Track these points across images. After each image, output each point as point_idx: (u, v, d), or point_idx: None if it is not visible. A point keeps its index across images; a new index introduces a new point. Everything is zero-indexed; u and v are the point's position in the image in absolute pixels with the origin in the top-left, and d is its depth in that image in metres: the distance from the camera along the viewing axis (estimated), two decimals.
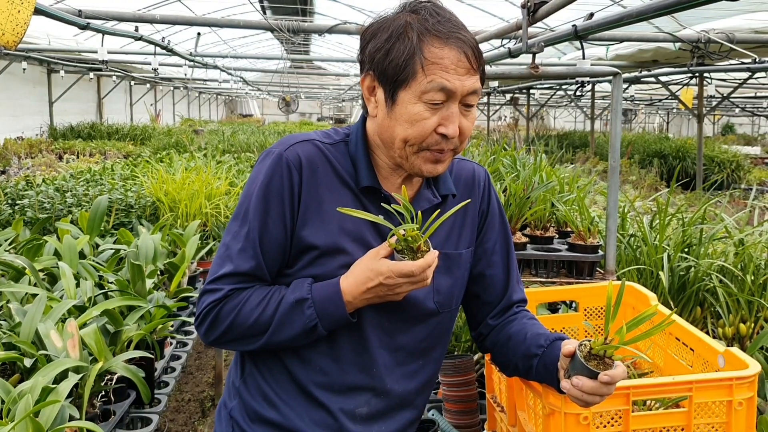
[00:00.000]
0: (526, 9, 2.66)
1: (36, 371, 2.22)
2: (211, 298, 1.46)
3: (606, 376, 1.35)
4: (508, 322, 1.69)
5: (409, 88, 1.39)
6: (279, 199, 1.45)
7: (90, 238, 3.87)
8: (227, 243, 1.49)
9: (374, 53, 1.44)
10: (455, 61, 1.39)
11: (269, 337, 1.44)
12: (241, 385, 1.59)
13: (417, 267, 1.35)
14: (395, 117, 1.42)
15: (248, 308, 1.44)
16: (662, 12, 2.31)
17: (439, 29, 1.39)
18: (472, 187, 1.65)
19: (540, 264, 2.87)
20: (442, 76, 1.38)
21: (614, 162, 2.69)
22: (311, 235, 1.46)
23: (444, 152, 1.45)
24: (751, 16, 6.84)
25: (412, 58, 1.38)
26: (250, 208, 1.47)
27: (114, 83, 17.73)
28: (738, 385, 1.69)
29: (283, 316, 1.42)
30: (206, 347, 5.71)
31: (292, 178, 1.46)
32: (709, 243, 3.14)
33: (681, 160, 13.38)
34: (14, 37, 1.81)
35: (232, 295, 1.46)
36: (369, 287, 1.38)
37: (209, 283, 1.47)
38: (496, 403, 2.22)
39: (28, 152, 10.57)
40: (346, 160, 1.52)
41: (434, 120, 1.40)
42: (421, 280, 1.38)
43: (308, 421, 1.51)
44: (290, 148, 1.49)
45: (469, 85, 1.41)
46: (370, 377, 1.52)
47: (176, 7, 10.83)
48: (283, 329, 1.43)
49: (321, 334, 1.43)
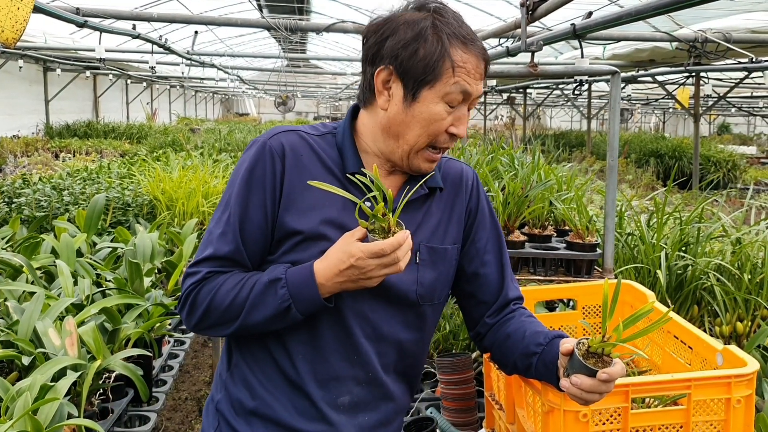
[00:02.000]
0: (525, 7, 2.67)
1: (34, 369, 2.22)
2: (190, 281, 1.49)
3: (604, 373, 1.35)
4: (505, 320, 1.69)
5: (434, 89, 1.45)
6: (261, 186, 1.49)
7: (87, 237, 3.87)
8: (210, 229, 1.53)
9: (398, 49, 1.46)
10: (475, 66, 1.47)
11: (244, 319, 1.44)
12: (228, 377, 1.60)
13: (387, 245, 1.34)
14: (413, 114, 1.47)
15: (224, 290, 1.45)
16: (661, 11, 2.31)
17: (463, 34, 1.47)
18: (459, 186, 1.68)
19: (538, 262, 2.87)
20: (465, 80, 1.45)
21: (612, 161, 2.70)
22: (293, 221, 1.49)
23: (442, 151, 1.53)
24: (748, 15, 6.85)
25: (442, 60, 1.44)
26: (232, 195, 1.51)
27: (111, 82, 17.70)
28: (736, 382, 1.70)
29: (257, 297, 1.43)
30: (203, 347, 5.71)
31: (274, 165, 1.50)
32: (707, 242, 3.15)
33: (677, 159, 13.41)
34: (14, 35, 1.80)
35: (210, 278, 1.48)
36: (341, 269, 1.37)
37: (190, 267, 1.51)
38: (495, 400, 2.23)
39: (25, 151, 10.54)
40: (332, 150, 1.57)
41: (449, 120, 1.48)
42: (393, 262, 1.36)
43: (292, 410, 1.52)
44: (274, 137, 1.54)
45: (480, 89, 1.50)
46: (351, 366, 1.53)
47: (173, 5, 10.83)
48: (256, 310, 1.43)
49: (296, 317, 1.43)
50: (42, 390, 2.03)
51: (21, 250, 3.49)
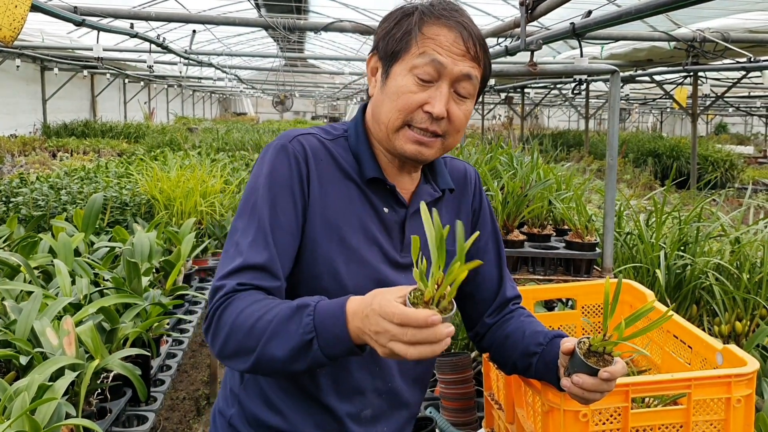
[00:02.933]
0: (525, 6, 2.66)
1: (32, 369, 2.21)
2: (218, 295, 1.34)
3: (606, 372, 1.35)
4: (505, 320, 1.69)
5: (402, 61, 1.41)
6: (288, 190, 1.41)
7: (85, 236, 3.85)
8: (236, 240, 1.40)
9: (380, 35, 1.47)
10: (451, 40, 1.39)
11: (262, 349, 1.25)
12: (241, 391, 1.54)
13: (398, 312, 1.08)
14: (386, 91, 1.43)
15: (251, 310, 1.29)
16: (660, 10, 2.31)
17: (443, 12, 1.41)
18: (465, 185, 1.67)
19: (537, 262, 2.87)
20: (434, 50, 1.38)
21: (611, 160, 2.69)
22: (312, 230, 1.43)
23: (430, 135, 1.43)
24: (746, 15, 6.87)
25: (408, 34, 1.40)
26: (257, 202, 1.41)
27: (108, 81, 17.68)
28: (736, 382, 1.70)
29: (281, 323, 1.24)
30: (200, 346, 5.71)
31: (300, 168, 1.43)
32: (705, 241, 3.15)
33: (675, 159, 13.42)
34: (11, 33, 1.79)
35: (241, 292, 1.33)
36: (362, 315, 1.16)
37: (217, 280, 1.37)
38: (494, 400, 2.22)
39: (22, 150, 10.52)
40: (347, 154, 1.51)
41: (421, 96, 1.39)
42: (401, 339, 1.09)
43: (312, 425, 1.49)
44: (294, 140, 1.47)
45: (463, 68, 1.40)
46: (373, 377, 1.51)
47: (171, 4, 10.80)
48: (277, 338, 1.24)
49: (318, 358, 1.21)
50: (40, 390, 2.02)
51: (18, 249, 3.47)
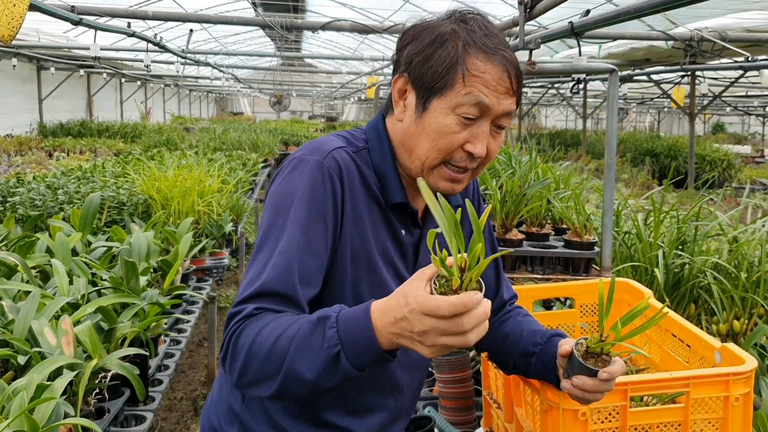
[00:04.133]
0: (523, 5, 2.66)
1: (30, 368, 2.21)
2: (234, 320, 1.26)
3: (605, 373, 1.35)
4: (502, 321, 1.70)
5: (444, 98, 1.32)
6: (322, 214, 1.32)
7: (82, 236, 3.85)
8: (262, 261, 1.31)
9: (413, 56, 1.36)
10: (497, 78, 1.32)
11: (287, 370, 1.15)
12: (243, 411, 1.48)
13: (446, 304, 1.01)
14: (423, 125, 1.35)
15: (268, 331, 1.19)
16: (659, 8, 2.31)
17: (486, 43, 1.33)
18: (466, 189, 1.66)
19: (536, 261, 2.88)
20: (480, 90, 1.30)
21: (610, 159, 2.70)
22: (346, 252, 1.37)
23: (465, 171, 1.39)
24: (743, 15, 6.88)
25: (453, 68, 1.31)
26: (288, 222, 1.31)
27: (105, 80, 17.64)
28: (735, 380, 1.70)
29: (303, 339, 1.15)
30: (198, 346, 5.70)
31: (335, 189, 1.35)
32: (704, 240, 3.16)
33: (672, 158, 13.45)
34: (9, 31, 1.78)
35: (257, 315, 1.24)
36: (397, 318, 1.07)
37: (234, 306, 1.29)
38: (493, 399, 2.22)
39: (18, 150, 10.49)
40: (370, 171, 1.43)
41: (463, 136, 1.33)
42: (455, 331, 1.03)
43: None
44: (329, 156, 1.37)
45: (506, 106, 1.34)
46: (384, 396, 1.51)
47: (168, 3, 10.79)
48: (302, 356, 1.14)
49: (348, 371, 1.12)
50: (38, 389, 2.02)
51: (16, 249, 3.47)
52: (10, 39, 1.82)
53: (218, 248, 4.83)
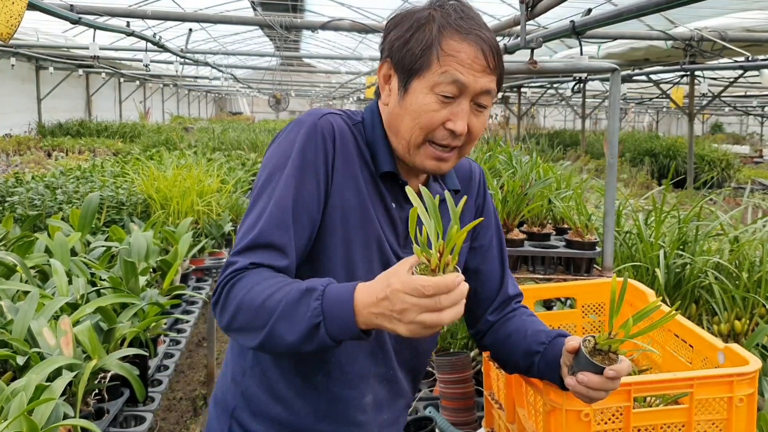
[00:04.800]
0: (525, 4, 2.65)
1: (29, 369, 2.19)
2: (229, 270, 1.34)
3: (612, 370, 1.34)
4: (506, 318, 1.69)
5: (423, 79, 1.39)
6: (313, 170, 1.40)
7: (81, 236, 3.83)
8: (257, 213, 1.39)
9: (394, 41, 1.44)
10: (472, 56, 1.38)
11: (270, 330, 1.25)
12: (244, 380, 1.54)
13: (430, 283, 1.10)
14: (406, 106, 1.42)
15: (260, 288, 1.28)
16: (662, 7, 2.30)
17: (461, 24, 1.39)
18: (469, 183, 1.67)
19: (537, 260, 2.86)
20: (456, 69, 1.37)
21: (612, 159, 2.69)
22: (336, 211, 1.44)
23: (449, 150, 1.44)
24: (743, 14, 6.87)
25: (429, 49, 1.38)
26: (282, 178, 1.39)
27: (104, 80, 17.62)
28: (738, 381, 1.69)
29: (290, 304, 1.24)
30: (197, 346, 5.69)
31: (326, 148, 1.42)
32: (705, 240, 3.15)
33: (671, 158, 13.45)
34: (8, 30, 1.77)
35: (252, 270, 1.33)
36: (378, 298, 1.16)
37: (231, 256, 1.37)
38: (494, 400, 2.22)
39: (17, 149, 10.49)
40: (364, 143, 1.51)
41: (443, 114, 1.39)
42: (434, 308, 1.11)
43: (315, 414, 1.49)
44: (324, 118, 1.45)
45: (483, 84, 1.40)
46: (377, 364, 1.52)
47: (167, 3, 10.77)
48: (286, 320, 1.24)
49: (325, 341, 1.22)
50: (37, 390, 2.00)
51: (15, 248, 3.45)
52: (9, 37, 1.81)
53: (217, 248, 4.81)
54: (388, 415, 1.58)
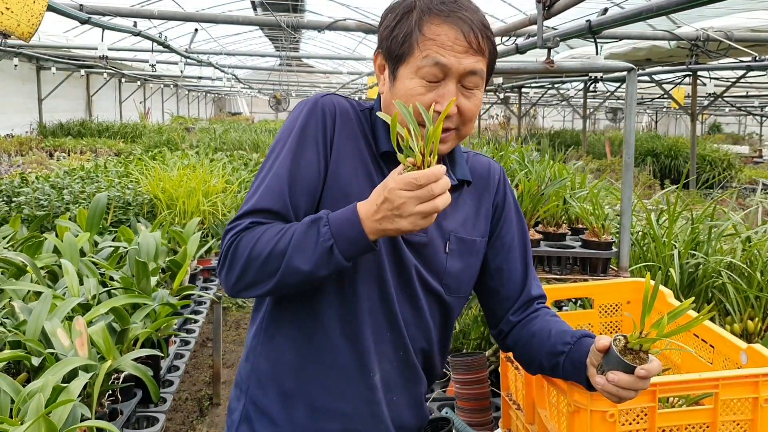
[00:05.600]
0: (542, 3, 2.64)
1: (44, 370, 2.18)
2: (231, 233, 1.41)
3: (643, 370, 1.33)
4: (529, 319, 1.68)
5: (408, 64, 1.42)
6: (314, 143, 1.46)
7: (90, 236, 3.82)
8: (255, 185, 1.47)
9: (383, 32, 1.48)
10: (452, 38, 1.40)
11: (286, 266, 1.33)
12: (255, 356, 1.58)
13: (421, 174, 1.22)
14: (395, 92, 1.46)
15: (266, 238, 1.36)
16: (684, 6, 2.28)
17: (441, 8, 1.41)
18: (487, 180, 1.67)
19: (553, 260, 2.85)
20: (437, 52, 1.39)
21: (628, 158, 2.68)
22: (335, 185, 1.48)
23: (445, 131, 1.46)
24: (748, 14, 6.87)
25: (410, 35, 1.41)
26: (283, 150, 1.46)
27: (104, 80, 17.61)
28: (764, 381, 1.68)
29: (299, 238, 1.33)
30: (201, 347, 5.68)
31: (326, 123, 1.48)
32: (718, 240, 3.15)
33: (673, 158, 13.45)
34: (29, 29, 1.76)
35: (252, 228, 1.41)
36: (378, 204, 1.27)
37: (230, 223, 1.44)
38: (512, 400, 2.21)
39: (18, 150, 10.46)
40: (368, 126, 1.55)
41: (430, 96, 1.41)
42: (428, 197, 1.22)
43: (322, 389, 1.50)
44: (326, 97, 1.52)
45: (467, 64, 1.41)
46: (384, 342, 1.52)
47: (168, 3, 10.76)
48: (298, 254, 1.32)
49: (340, 262, 1.31)
50: (55, 391, 1.99)
51: (23, 249, 3.44)
52: (30, 36, 1.80)
53: None
54: (400, 398, 1.58)
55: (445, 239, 1.55)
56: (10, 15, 1.79)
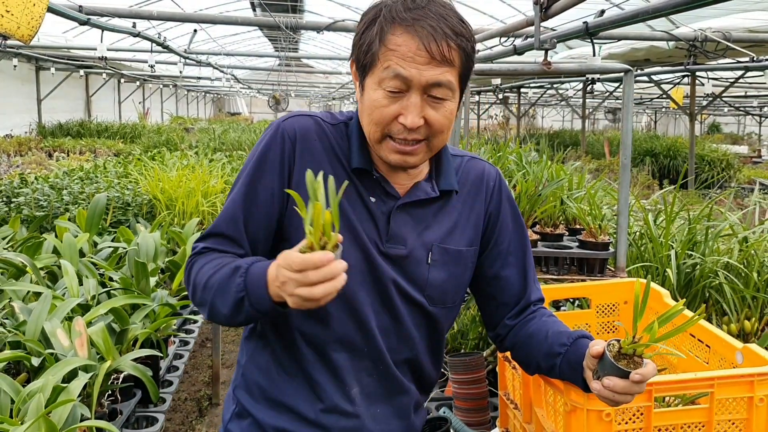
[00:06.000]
0: (539, 5, 2.64)
1: (44, 370, 2.19)
2: (191, 254, 1.50)
3: (638, 375, 1.33)
4: (526, 321, 1.66)
5: (372, 75, 1.39)
6: (271, 168, 1.47)
7: (89, 237, 3.83)
8: (222, 209, 1.52)
9: (354, 41, 1.46)
10: (413, 49, 1.34)
11: (211, 302, 1.39)
12: (245, 362, 1.61)
13: (298, 259, 1.17)
14: (364, 102, 1.43)
15: (207, 268, 1.42)
16: (680, 9, 2.29)
17: (404, 16, 1.35)
18: (480, 187, 1.62)
19: (550, 261, 2.86)
20: (397, 63, 1.34)
21: (625, 159, 2.69)
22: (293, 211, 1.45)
23: (411, 144, 1.41)
24: (746, 15, 6.87)
25: (373, 45, 1.38)
26: (243, 176, 1.50)
27: (104, 81, 17.60)
28: (759, 381, 1.70)
29: (223, 281, 1.36)
30: (200, 347, 5.68)
31: (284, 148, 1.47)
32: (715, 240, 3.16)
33: (672, 158, 13.46)
34: (29, 31, 1.77)
35: (205, 253, 1.47)
36: (274, 273, 1.25)
37: (195, 241, 1.52)
38: (509, 400, 2.22)
39: (18, 150, 10.46)
40: (343, 140, 1.52)
41: (394, 108, 1.37)
42: (305, 283, 1.17)
43: (304, 399, 1.51)
44: (288, 120, 1.52)
45: (430, 76, 1.35)
46: (360, 356, 1.52)
47: (167, 4, 10.76)
48: (220, 295, 1.37)
49: (249, 313, 1.33)
50: (54, 391, 2.01)
51: (23, 249, 3.45)
52: (30, 39, 1.81)
53: None
54: (383, 410, 1.56)
55: (427, 250, 1.52)
56: (10, 18, 1.80)
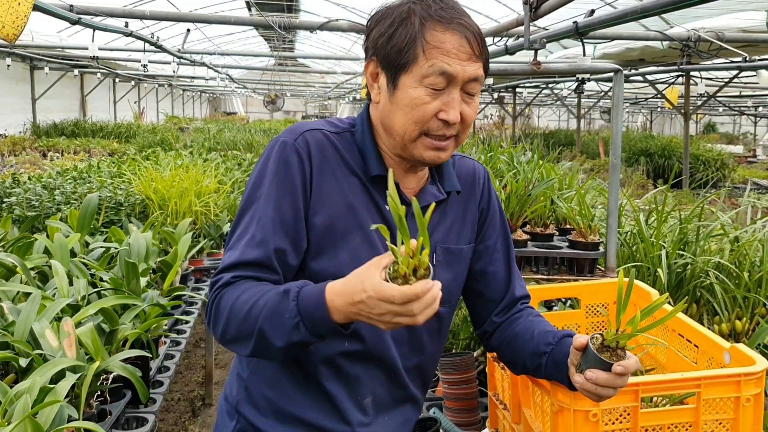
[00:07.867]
0: (528, 5, 2.64)
1: (31, 371, 2.18)
2: (215, 287, 1.42)
3: (620, 366, 1.34)
4: (513, 319, 1.69)
5: (411, 73, 1.39)
6: (290, 187, 1.43)
7: (81, 237, 3.81)
8: (237, 234, 1.46)
9: (377, 39, 1.44)
10: (457, 46, 1.38)
11: (259, 332, 1.32)
12: (249, 375, 1.57)
13: (399, 294, 1.16)
14: (396, 102, 1.42)
15: (245, 297, 1.35)
16: (668, 9, 2.29)
17: (442, 15, 1.39)
18: (473, 184, 1.66)
19: (540, 261, 2.87)
20: (443, 60, 1.37)
21: (615, 159, 2.69)
22: (321, 225, 1.45)
23: (446, 139, 1.45)
24: (739, 15, 6.88)
25: (413, 42, 1.38)
26: (260, 199, 1.44)
27: (99, 80, 17.57)
28: (746, 381, 1.70)
29: (272, 307, 1.31)
30: (194, 347, 5.67)
31: (302, 165, 1.45)
32: (706, 240, 3.16)
33: (667, 158, 13.46)
34: (14, 30, 1.76)
35: (236, 283, 1.40)
36: (355, 300, 1.22)
37: (214, 276, 1.45)
38: (499, 400, 2.22)
39: (12, 150, 10.43)
40: (353, 150, 1.52)
41: (435, 105, 1.40)
42: (407, 314, 1.18)
43: (318, 411, 1.51)
44: (300, 137, 1.48)
45: (471, 72, 1.40)
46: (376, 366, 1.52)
47: (162, 3, 10.74)
48: (270, 321, 1.30)
49: (306, 338, 1.29)
50: (42, 392, 1.99)
51: (14, 249, 3.43)
52: (15, 38, 1.80)
53: (216, 249, 4.81)
54: (392, 417, 1.58)
55: (432, 251, 1.54)
56: None
